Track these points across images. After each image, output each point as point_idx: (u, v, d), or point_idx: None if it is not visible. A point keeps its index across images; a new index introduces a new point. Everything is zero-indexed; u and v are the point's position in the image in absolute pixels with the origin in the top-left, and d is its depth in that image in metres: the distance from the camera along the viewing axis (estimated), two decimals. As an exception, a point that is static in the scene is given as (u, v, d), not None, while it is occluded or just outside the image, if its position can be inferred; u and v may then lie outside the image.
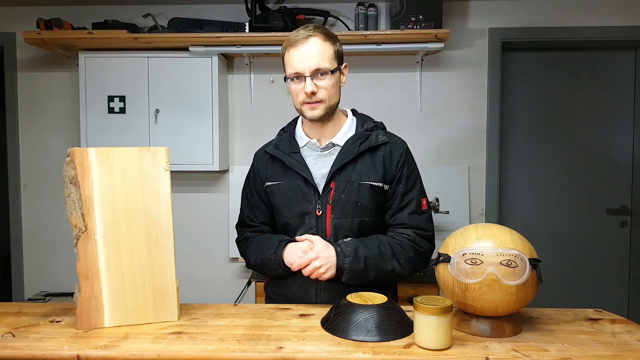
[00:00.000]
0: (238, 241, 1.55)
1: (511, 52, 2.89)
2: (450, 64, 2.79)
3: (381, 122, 1.48)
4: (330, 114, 1.38)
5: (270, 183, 1.44)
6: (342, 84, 1.40)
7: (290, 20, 2.57)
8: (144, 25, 2.72)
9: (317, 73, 1.31)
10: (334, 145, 1.41)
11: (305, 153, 1.42)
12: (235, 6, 2.74)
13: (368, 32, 2.52)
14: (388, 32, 2.50)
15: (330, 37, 1.35)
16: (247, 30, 2.59)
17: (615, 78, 2.91)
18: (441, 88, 2.79)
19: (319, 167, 1.40)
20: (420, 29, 2.48)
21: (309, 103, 1.34)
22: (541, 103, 2.93)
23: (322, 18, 2.64)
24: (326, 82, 1.32)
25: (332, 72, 1.33)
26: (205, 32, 2.56)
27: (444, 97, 2.80)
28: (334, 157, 1.39)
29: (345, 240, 1.36)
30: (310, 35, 1.31)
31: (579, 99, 2.92)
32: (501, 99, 2.82)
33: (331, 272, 1.31)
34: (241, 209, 1.55)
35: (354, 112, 1.50)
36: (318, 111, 1.34)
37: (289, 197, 1.40)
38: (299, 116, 1.51)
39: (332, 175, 1.37)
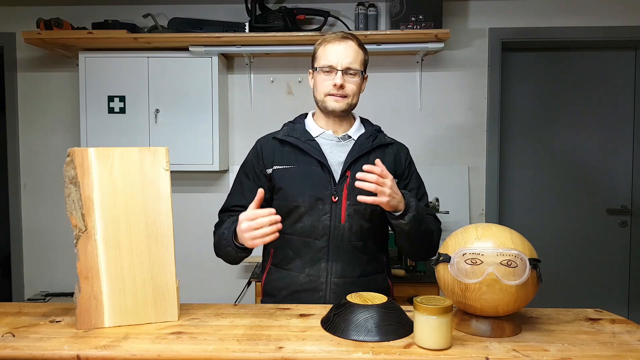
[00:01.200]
0: (215, 227, 1.49)
1: (511, 52, 2.89)
2: (450, 64, 2.79)
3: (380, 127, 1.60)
4: (348, 111, 1.48)
5: (279, 167, 1.45)
6: (362, 90, 1.51)
7: (290, 20, 2.57)
8: (144, 25, 2.72)
9: (348, 71, 1.42)
10: (349, 137, 1.49)
11: (320, 141, 1.47)
12: (235, 6, 2.74)
13: (368, 32, 2.52)
14: (388, 32, 2.50)
15: (363, 46, 1.49)
16: (247, 30, 2.59)
17: (615, 78, 2.91)
18: (441, 88, 2.79)
19: (335, 155, 1.46)
20: (420, 29, 2.48)
21: (334, 95, 1.43)
22: (541, 103, 2.93)
23: (322, 18, 2.64)
24: (353, 80, 1.44)
25: (363, 73, 1.46)
26: (205, 32, 2.56)
27: (444, 97, 2.80)
28: (348, 148, 1.47)
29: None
30: (348, 38, 1.45)
31: (579, 99, 2.92)
32: (501, 99, 2.82)
33: (389, 200, 1.26)
34: (230, 194, 1.52)
35: (360, 117, 1.60)
36: (341, 105, 1.44)
37: (302, 181, 1.42)
38: (307, 113, 1.58)
39: (349, 165, 1.42)
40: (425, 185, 1.58)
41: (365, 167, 1.24)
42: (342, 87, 1.41)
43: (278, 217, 1.22)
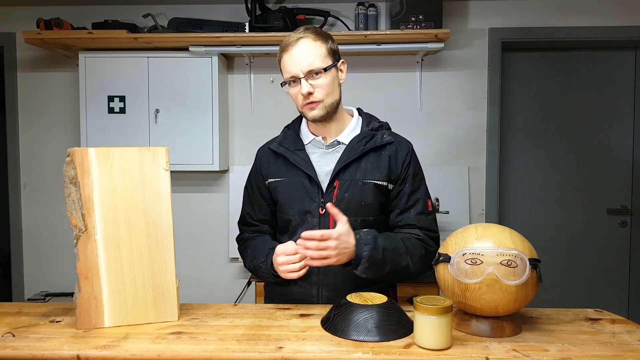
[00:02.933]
0: (237, 240, 1.56)
1: (511, 52, 2.89)
2: (450, 64, 2.79)
3: (386, 123, 1.48)
4: (332, 113, 1.36)
5: (273, 179, 1.43)
6: (341, 81, 1.39)
7: (290, 20, 2.57)
8: (144, 25, 2.72)
9: (311, 73, 1.31)
10: (339, 143, 1.41)
11: (309, 150, 1.42)
12: (235, 6, 2.74)
13: (368, 32, 2.52)
14: (388, 32, 2.50)
15: (321, 36, 1.34)
16: (247, 30, 2.59)
17: (615, 78, 2.91)
18: (441, 88, 2.79)
19: (323, 164, 1.40)
20: (420, 29, 2.48)
21: (308, 104, 1.33)
22: (541, 103, 2.93)
23: (322, 18, 2.64)
24: (321, 80, 1.32)
25: (326, 69, 1.32)
26: (205, 32, 2.56)
27: (444, 97, 2.80)
28: (338, 155, 1.38)
29: (363, 230, 1.30)
30: (300, 38, 1.31)
31: (579, 99, 2.92)
32: (501, 99, 2.82)
33: (338, 260, 1.22)
34: (242, 206, 1.54)
35: (359, 111, 1.50)
36: (318, 111, 1.33)
37: (291, 194, 1.39)
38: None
39: (337, 174, 1.36)
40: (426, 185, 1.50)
41: (303, 234, 1.20)
42: (310, 93, 1.31)
43: (308, 253, 1.24)
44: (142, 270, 1.16)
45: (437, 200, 2.56)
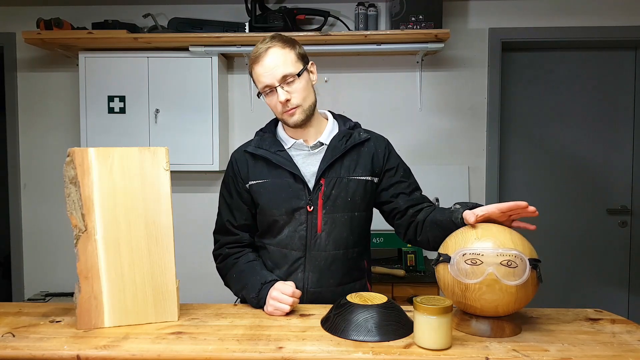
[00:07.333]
0: (215, 255, 1.51)
1: (511, 52, 2.89)
2: (450, 64, 2.79)
3: (358, 122, 1.52)
4: (310, 116, 1.39)
5: (255, 182, 1.42)
6: (313, 83, 1.42)
7: (290, 21, 2.57)
8: (144, 25, 2.72)
9: (285, 80, 1.33)
10: (321, 144, 1.43)
11: (292, 153, 1.43)
12: (235, 6, 2.74)
13: (368, 32, 2.52)
14: (388, 32, 2.50)
15: (289, 42, 1.38)
16: (247, 30, 2.59)
17: (615, 78, 2.91)
18: (441, 88, 2.79)
19: (308, 165, 1.41)
20: (420, 29, 2.48)
21: (287, 111, 1.36)
22: (541, 103, 2.93)
23: (322, 18, 2.64)
24: (296, 85, 1.35)
25: (299, 74, 1.35)
26: (205, 32, 2.56)
27: (444, 97, 2.80)
28: (321, 156, 1.41)
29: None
30: (269, 47, 1.35)
31: (579, 99, 2.92)
32: (501, 99, 2.82)
33: None
34: (219, 214, 1.50)
35: (332, 113, 1.53)
36: (298, 115, 1.36)
37: (277, 194, 1.39)
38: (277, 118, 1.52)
39: (323, 172, 1.38)
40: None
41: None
42: (287, 100, 1.34)
43: (298, 294, 1.26)
44: (142, 270, 1.16)
45: (437, 200, 2.56)
